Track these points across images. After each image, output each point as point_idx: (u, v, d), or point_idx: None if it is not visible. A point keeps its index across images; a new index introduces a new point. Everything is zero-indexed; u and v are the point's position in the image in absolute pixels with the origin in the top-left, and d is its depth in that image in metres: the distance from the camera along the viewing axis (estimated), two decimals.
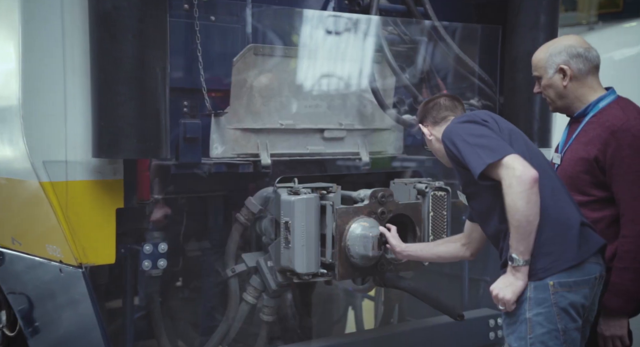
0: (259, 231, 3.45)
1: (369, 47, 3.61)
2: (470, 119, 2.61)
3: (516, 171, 2.38)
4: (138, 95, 2.75)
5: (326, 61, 3.60)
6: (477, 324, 3.87)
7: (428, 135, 2.94)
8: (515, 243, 2.43)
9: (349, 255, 3.15)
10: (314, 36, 3.57)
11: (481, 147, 2.47)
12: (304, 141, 3.56)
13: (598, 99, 2.77)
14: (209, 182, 3.33)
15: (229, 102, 3.35)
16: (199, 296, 3.54)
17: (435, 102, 2.95)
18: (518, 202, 2.37)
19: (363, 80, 3.66)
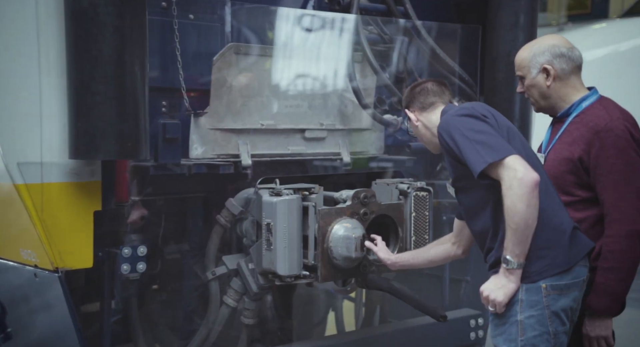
0: (239, 232, 3.37)
1: (350, 46, 3.54)
2: (470, 113, 2.53)
3: (518, 173, 2.33)
4: (116, 94, 2.66)
5: (307, 61, 3.54)
6: (458, 324, 3.84)
7: (415, 121, 2.84)
8: (511, 245, 2.39)
9: (332, 256, 3.09)
10: (295, 35, 3.51)
11: (482, 144, 2.41)
12: (284, 141, 3.50)
13: (581, 99, 2.76)
14: (188, 183, 3.26)
15: (208, 101, 3.27)
16: (178, 300, 3.46)
17: (423, 87, 2.86)
18: (518, 204, 2.32)
19: (344, 80, 3.60)
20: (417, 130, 2.87)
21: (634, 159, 2.69)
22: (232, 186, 3.36)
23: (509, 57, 3.71)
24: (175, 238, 3.37)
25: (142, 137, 2.73)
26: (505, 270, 2.43)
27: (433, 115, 2.79)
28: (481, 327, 3.92)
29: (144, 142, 2.73)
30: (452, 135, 2.48)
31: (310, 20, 3.52)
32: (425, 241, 3.41)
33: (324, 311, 4.11)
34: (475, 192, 2.54)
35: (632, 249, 2.68)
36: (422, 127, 2.82)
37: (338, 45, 3.60)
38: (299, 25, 3.50)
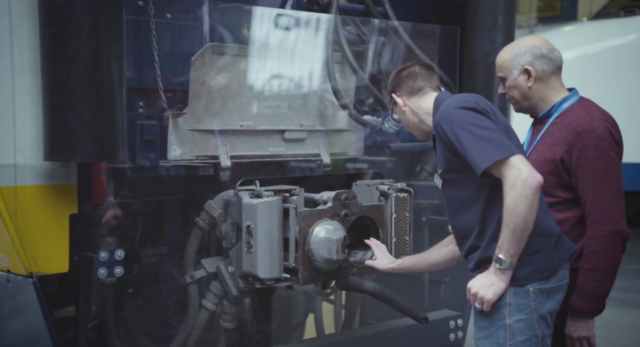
0: (219, 235, 3.30)
1: (329, 46, 3.49)
2: (473, 106, 2.44)
3: (522, 173, 2.29)
4: (93, 95, 2.58)
5: (286, 61, 3.49)
6: (437, 325, 3.82)
7: (402, 106, 2.74)
8: (507, 245, 2.35)
9: (313, 259, 3.04)
10: (274, 35, 3.45)
11: (487, 140, 2.34)
12: (264, 143, 3.44)
13: (562, 100, 2.75)
14: (166, 185, 3.18)
15: (187, 102, 3.20)
16: (156, 304, 3.37)
17: (410, 70, 2.75)
18: (520, 205, 2.28)
19: (323, 81, 3.55)
20: (404, 115, 2.77)
21: (614, 160, 2.68)
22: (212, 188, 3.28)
23: (488, 58, 3.71)
24: (153, 241, 3.29)
25: (120, 139, 2.65)
26: (496, 269, 2.39)
27: (423, 102, 2.70)
28: (460, 328, 3.91)
29: (121, 144, 2.66)
30: (453, 129, 2.39)
31: (290, 21, 3.47)
32: (406, 243, 3.38)
33: (303, 314, 4.04)
34: (466, 187, 2.48)
35: (613, 249, 2.67)
36: (410, 112, 2.73)
37: (317, 45, 3.54)
38: (278, 25, 3.45)
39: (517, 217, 2.29)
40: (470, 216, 2.49)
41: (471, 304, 2.50)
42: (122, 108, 2.67)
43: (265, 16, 3.42)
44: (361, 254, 3.29)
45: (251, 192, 3.04)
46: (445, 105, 2.51)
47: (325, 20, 3.53)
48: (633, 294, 7.48)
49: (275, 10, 3.48)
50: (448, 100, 2.55)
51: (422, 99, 2.70)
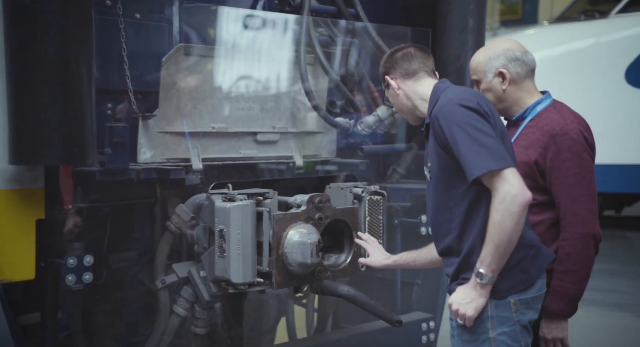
0: (190, 239, 3.22)
1: (302, 48, 3.44)
2: (474, 106, 2.34)
3: (513, 188, 2.23)
4: (62, 97, 2.49)
5: (258, 62, 3.42)
6: (410, 328, 3.78)
7: (396, 89, 2.61)
8: (489, 259, 2.29)
9: (287, 263, 2.98)
10: (246, 36, 3.38)
11: (484, 147, 2.26)
12: (236, 145, 3.37)
13: (535, 103, 2.75)
14: (137, 189, 3.09)
15: (157, 104, 3.11)
16: (126, 310, 3.28)
17: (406, 52, 2.63)
18: (507, 221, 2.23)
19: (296, 82, 3.49)
20: (396, 99, 2.65)
21: (588, 163, 2.68)
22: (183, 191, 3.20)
23: (459, 60, 3.69)
24: (123, 246, 3.19)
25: (89, 142, 2.56)
26: (476, 283, 2.34)
27: (418, 86, 2.58)
28: (432, 330, 3.88)
29: (91, 147, 2.57)
30: (451, 127, 2.31)
31: (261, 21, 3.40)
32: None
33: (275, 318, 3.98)
34: (452, 187, 2.40)
35: (587, 251, 2.67)
36: (404, 96, 2.61)
37: (290, 47, 3.49)
38: (250, 26, 3.38)
39: (503, 232, 2.24)
40: (451, 216, 2.43)
41: (454, 319, 2.45)
42: (91, 110, 2.58)
43: (236, 17, 3.35)
44: (335, 258, 3.25)
45: (224, 196, 2.97)
46: (446, 98, 2.40)
47: (297, 22, 3.47)
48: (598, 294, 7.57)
49: (247, 11, 3.41)
50: (448, 92, 2.45)
51: (418, 83, 2.59)
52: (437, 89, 2.52)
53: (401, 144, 3.86)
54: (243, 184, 3.19)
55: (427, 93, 2.55)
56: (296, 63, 3.47)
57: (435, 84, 2.55)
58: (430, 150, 2.47)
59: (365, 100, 3.79)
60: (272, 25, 3.45)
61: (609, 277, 8.37)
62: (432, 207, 2.53)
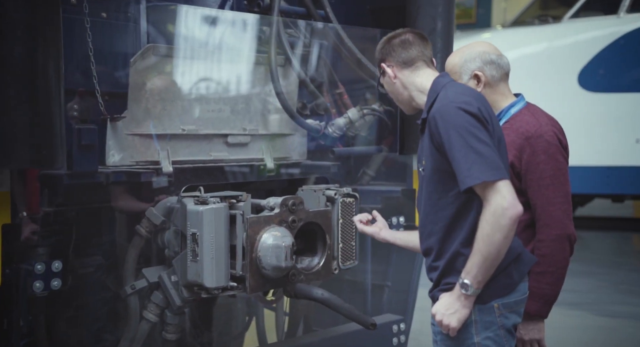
0: (160, 243, 3.13)
1: (272, 49, 3.38)
2: (475, 111, 2.27)
3: (505, 202, 2.18)
4: (30, 98, 2.38)
5: (228, 63, 3.35)
6: (380, 330, 3.73)
7: (392, 78, 2.51)
8: (475, 271, 2.25)
9: (261, 266, 2.92)
10: (215, 37, 3.31)
11: (479, 156, 2.20)
12: (207, 147, 3.29)
13: (509, 106, 2.75)
14: (105, 192, 2.99)
15: (126, 105, 3.02)
16: (94, 317, 3.17)
17: (404, 39, 2.50)
18: (497, 234, 2.19)
19: (266, 84, 3.43)
20: (392, 87, 2.54)
21: (562, 165, 2.69)
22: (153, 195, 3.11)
23: None
24: (91, 251, 3.09)
25: (58, 144, 2.46)
26: (461, 294, 2.29)
27: (416, 77, 2.49)
28: (403, 332, 3.86)
29: (59, 149, 2.47)
30: (448, 130, 2.25)
31: (232, 22, 3.34)
32: (352, 248, 3.31)
33: (245, 322, 3.90)
34: (442, 190, 2.35)
35: (562, 252, 2.68)
36: (400, 85, 2.51)
37: (260, 48, 3.42)
38: (220, 27, 3.31)
39: (492, 245, 2.20)
40: (436, 218, 2.38)
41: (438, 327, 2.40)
42: (60, 111, 2.48)
43: (206, 17, 3.28)
44: (308, 261, 3.21)
45: (196, 199, 2.89)
46: (445, 98, 2.33)
47: (268, 23, 3.41)
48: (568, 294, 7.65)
49: (216, 11, 3.34)
50: (448, 89, 2.37)
51: (416, 74, 2.49)
52: (437, 83, 2.44)
53: (371, 146, 3.83)
54: (213, 186, 3.12)
55: (426, 85, 2.47)
56: (266, 64, 3.41)
57: (435, 78, 2.47)
58: (425, 147, 2.41)
59: (336, 102, 3.75)
60: (242, 26, 3.38)
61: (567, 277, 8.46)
62: (422, 205, 2.47)
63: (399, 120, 3.74)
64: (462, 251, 2.32)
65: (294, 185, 3.62)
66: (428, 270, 2.49)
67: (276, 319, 4.00)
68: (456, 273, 2.32)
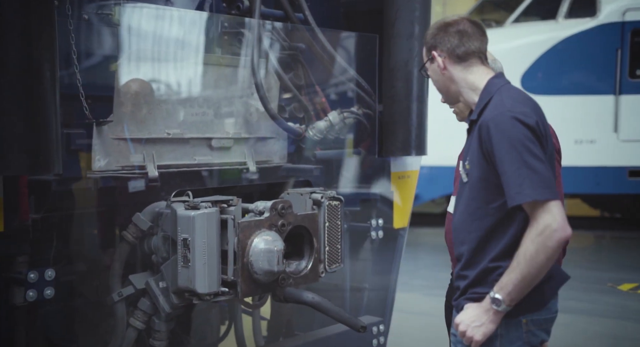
0: (147, 249, 3.11)
1: (255, 52, 3.39)
2: (533, 124, 2.20)
3: (555, 223, 2.14)
4: (26, 102, 2.34)
5: (212, 66, 3.34)
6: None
7: (441, 69, 2.40)
8: (510, 288, 2.20)
9: (252, 271, 2.93)
10: (200, 40, 3.30)
11: (533, 172, 2.14)
12: (191, 151, 3.28)
13: None
14: (92, 198, 2.95)
15: (111, 109, 2.98)
16: (80, 325, 3.12)
17: (461, 29, 2.36)
18: (541, 255, 2.15)
19: (248, 87, 3.44)
20: (439, 77, 2.44)
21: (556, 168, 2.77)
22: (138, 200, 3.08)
23: (407, 66, 3.75)
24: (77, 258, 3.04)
25: (54, 150, 2.42)
26: (490, 309, 2.25)
27: (470, 74, 2.39)
28: (382, 333, 3.93)
29: (56, 155, 2.43)
30: (502, 142, 2.17)
31: (216, 25, 3.33)
32: (338, 251, 3.35)
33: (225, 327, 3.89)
34: (486, 200, 2.28)
35: None
36: (449, 78, 2.41)
37: (243, 51, 3.43)
38: (204, 30, 3.31)
39: (533, 266, 2.16)
40: (472, 227, 2.33)
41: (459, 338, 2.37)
42: (56, 116, 2.44)
43: (189, 20, 3.27)
44: (295, 264, 3.23)
45: (187, 204, 2.88)
46: (502, 106, 2.25)
47: (250, 25, 3.42)
48: None
49: (203, 14, 3.33)
50: (503, 94, 2.30)
51: (469, 70, 2.39)
52: (492, 84, 2.36)
53: (351, 149, 3.88)
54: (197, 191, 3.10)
55: (479, 84, 2.38)
56: (249, 67, 3.42)
57: (490, 78, 2.38)
58: (472, 151, 2.33)
59: (314, 105, 3.78)
60: (225, 29, 3.38)
61: None
62: (459, 210, 2.43)
63: (378, 123, 3.80)
64: (496, 264, 2.28)
65: (272, 189, 3.65)
66: (456, 277, 2.45)
67: (253, 325, 4.00)
68: (486, 284, 2.30)
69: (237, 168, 3.44)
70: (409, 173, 4.06)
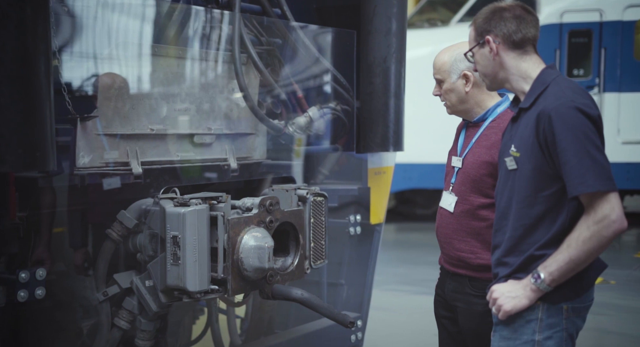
0: (132, 247, 3.09)
1: (236, 47, 3.39)
2: (595, 116, 2.25)
3: (614, 214, 2.20)
4: (23, 97, 2.30)
5: (194, 61, 3.34)
6: (339, 328, 3.83)
7: (493, 54, 2.40)
8: (554, 268, 2.26)
9: (242, 268, 2.96)
10: (181, 34, 3.29)
11: (596, 163, 2.20)
12: (173, 147, 3.27)
13: (496, 105, 2.90)
14: (78, 195, 2.91)
15: (95, 104, 2.95)
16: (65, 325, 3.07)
17: (518, 14, 2.36)
18: (594, 242, 2.22)
19: (230, 82, 3.45)
20: (487, 62, 2.45)
21: None
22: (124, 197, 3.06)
23: (385, 62, 3.82)
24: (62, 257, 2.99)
25: (50, 145, 2.39)
26: (529, 284, 2.31)
27: (523, 62, 2.40)
28: (360, 329, 3.99)
29: (51, 150, 2.40)
30: (566, 133, 2.21)
31: (196, 18, 3.33)
32: (322, 248, 3.40)
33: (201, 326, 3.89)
34: (537, 188, 2.31)
35: None
36: (499, 64, 2.42)
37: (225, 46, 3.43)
38: (186, 24, 3.30)
39: (583, 251, 2.22)
40: (519, 214, 2.37)
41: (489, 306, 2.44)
42: (51, 110, 2.41)
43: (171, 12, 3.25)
44: (281, 261, 3.26)
45: (176, 201, 2.88)
46: (563, 96, 2.28)
47: (230, 20, 3.42)
48: None
49: (184, 7, 3.31)
50: (562, 85, 2.33)
51: (523, 59, 2.41)
52: (547, 74, 2.39)
53: (329, 145, 3.93)
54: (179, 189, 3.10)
55: (531, 73, 2.41)
56: (230, 62, 3.43)
57: (544, 68, 2.41)
58: (522, 140, 2.36)
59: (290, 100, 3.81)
60: (206, 23, 3.38)
61: None
62: (504, 198, 2.46)
63: (355, 119, 3.86)
64: (542, 252, 2.33)
65: (250, 185, 3.67)
66: (496, 264, 2.48)
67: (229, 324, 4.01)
68: (529, 271, 2.34)
69: (218, 164, 3.43)
70: (385, 169, 4.13)
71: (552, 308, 2.35)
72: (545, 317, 2.35)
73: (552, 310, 2.36)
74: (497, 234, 2.50)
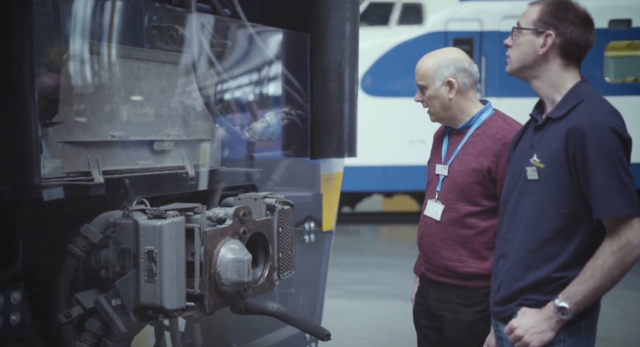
0: (95, 264, 2.90)
1: (194, 47, 3.28)
2: (627, 138, 2.30)
3: (635, 240, 2.26)
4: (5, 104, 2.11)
5: (153, 63, 3.19)
6: (294, 340, 3.84)
7: (541, 49, 2.35)
8: (580, 298, 2.31)
9: (220, 283, 2.87)
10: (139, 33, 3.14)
11: (624, 187, 2.24)
12: (133, 155, 3.11)
13: (480, 112, 2.96)
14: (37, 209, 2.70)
15: (56, 109, 2.75)
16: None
17: (585, 19, 2.33)
18: (618, 269, 2.28)
19: (187, 85, 3.33)
20: (532, 53, 2.41)
21: None
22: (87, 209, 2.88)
23: (340, 66, 3.83)
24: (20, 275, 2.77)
25: (35, 156, 2.22)
26: (554, 316, 2.35)
27: (565, 72, 2.42)
28: (314, 339, 3.96)
29: (36, 162, 2.22)
30: (597, 153, 2.24)
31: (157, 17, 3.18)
32: (290, 258, 3.35)
33: None
34: (557, 204, 2.34)
35: None
36: (541, 61, 2.39)
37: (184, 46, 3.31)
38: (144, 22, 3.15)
39: (609, 279, 2.29)
40: (535, 227, 2.40)
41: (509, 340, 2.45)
42: (35, 119, 2.23)
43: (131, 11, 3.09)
44: (252, 273, 3.17)
45: (150, 213, 2.74)
46: (597, 113, 2.31)
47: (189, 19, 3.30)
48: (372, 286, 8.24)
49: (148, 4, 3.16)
50: (597, 102, 2.36)
51: (566, 69, 2.42)
52: (582, 88, 2.41)
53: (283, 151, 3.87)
54: None
55: (567, 84, 2.42)
56: (187, 65, 3.31)
57: (579, 81, 2.43)
58: (548, 151, 2.38)
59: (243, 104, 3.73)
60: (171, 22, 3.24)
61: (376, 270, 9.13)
62: (520, 207, 2.47)
63: (310, 124, 3.83)
64: (561, 274, 2.37)
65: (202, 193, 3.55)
66: (504, 275, 2.50)
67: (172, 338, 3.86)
68: (545, 293, 2.40)
69: (178, 173, 3.30)
70: (335, 175, 4.13)
71: (572, 329, 2.41)
72: (567, 338, 2.41)
73: (572, 330, 2.41)
74: (505, 243, 2.53)
